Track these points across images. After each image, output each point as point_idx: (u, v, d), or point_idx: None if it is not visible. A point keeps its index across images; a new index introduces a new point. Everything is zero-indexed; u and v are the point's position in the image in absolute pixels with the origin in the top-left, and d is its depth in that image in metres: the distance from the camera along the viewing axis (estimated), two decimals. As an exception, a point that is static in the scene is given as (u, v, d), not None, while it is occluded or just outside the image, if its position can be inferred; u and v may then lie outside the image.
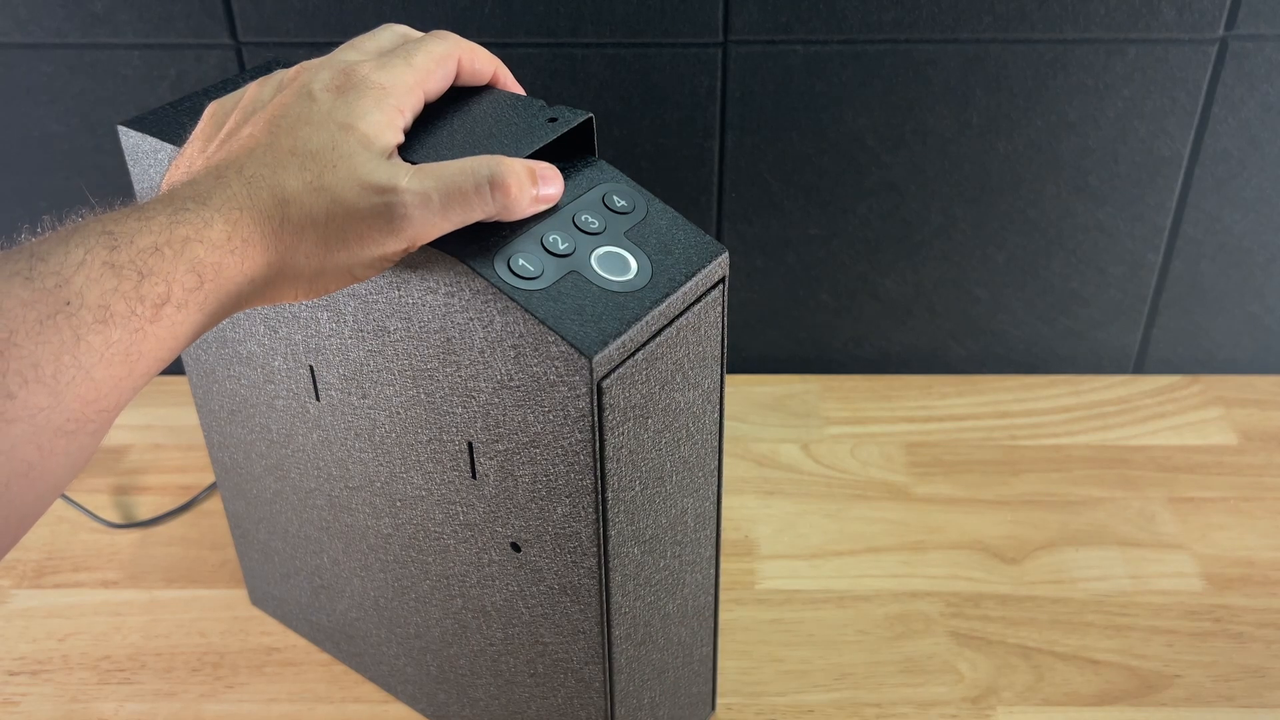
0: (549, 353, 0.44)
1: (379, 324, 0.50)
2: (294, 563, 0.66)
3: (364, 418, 0.55)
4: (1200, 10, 0.77)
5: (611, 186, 0.49)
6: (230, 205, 0.41)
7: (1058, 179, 0.84)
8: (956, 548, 0.76)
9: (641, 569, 0.52)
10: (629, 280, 0.46)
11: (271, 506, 0.65)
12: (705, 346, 0.50)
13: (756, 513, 0.79)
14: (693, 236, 0.48)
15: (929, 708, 0.66)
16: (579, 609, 0.52)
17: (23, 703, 0.67)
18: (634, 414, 0.47)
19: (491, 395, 0.47)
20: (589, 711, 0.56)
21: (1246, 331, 0.91)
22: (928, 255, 0.88)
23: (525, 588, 0.53)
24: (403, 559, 0.59)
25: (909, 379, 0.91)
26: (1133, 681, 0.67)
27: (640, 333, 0.45)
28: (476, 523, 0.53)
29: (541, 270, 0.45)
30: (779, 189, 0.85)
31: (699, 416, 0.52)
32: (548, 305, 0.44)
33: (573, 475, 0.47)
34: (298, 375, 0.56)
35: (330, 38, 0.79)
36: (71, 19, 0.79)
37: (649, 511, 0.51)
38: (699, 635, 0.60)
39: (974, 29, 0.78)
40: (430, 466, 0.53)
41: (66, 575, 0.75)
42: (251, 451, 0.63)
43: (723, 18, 0.78)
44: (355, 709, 0.67)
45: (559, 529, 0.49)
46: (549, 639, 0.54)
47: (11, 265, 0.36)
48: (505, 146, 0.47)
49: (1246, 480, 0.81)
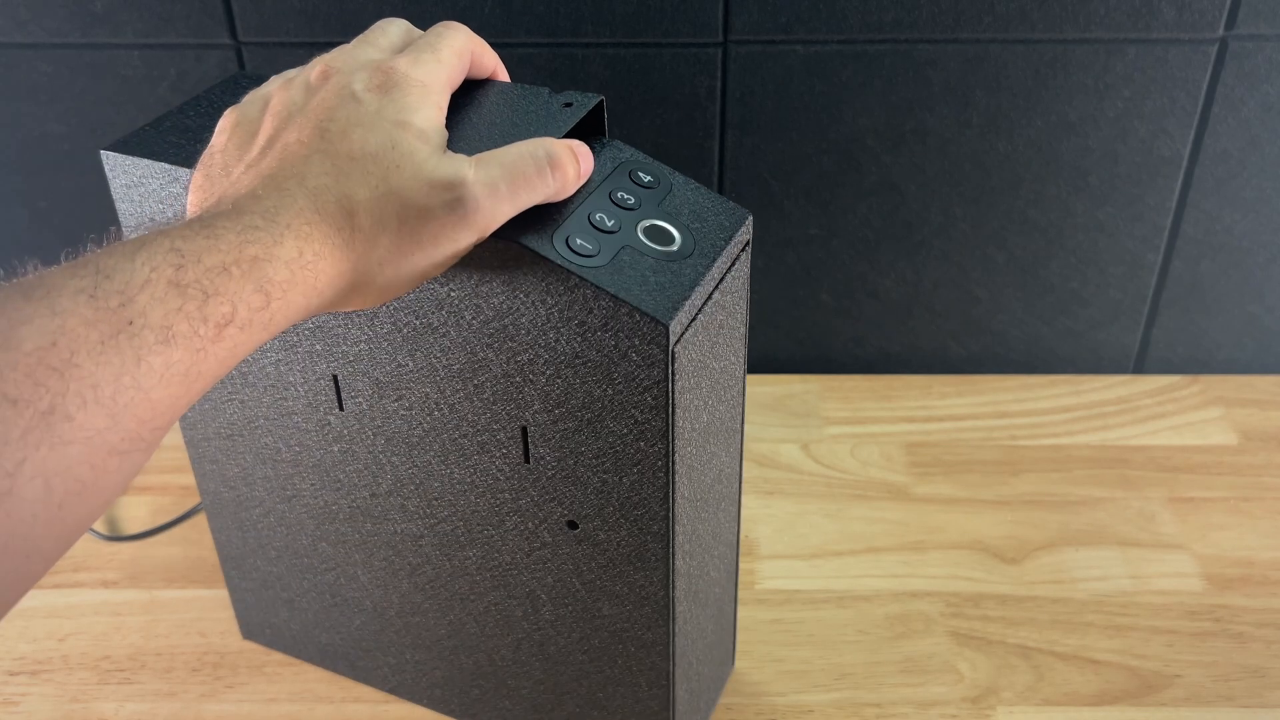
0: (622, 325, 0.45)
1: (423, 321, 0.50)
2: (301, 585, 0.65)
3: (398, 421, 0.54)
4: (1200, 10, 0.77)
5: (634, 163, 0.51)
6: (300, 220, 0.41)
7: (1058, 179, 0.84)
8: (956, 548, 0.76)
9: (694, 529, 0.54)
10: (676, 250, 0.48)
11: (275, 531, 0.64)
12: (739, 305, 0.52)
13: (756, 513, 0.79)
14: (719, 203, 0.51)
15: (929, 708, 0.66)
16: (644, 575, 0.53)
17: (23, 703, 0.67)
18: (694, 376, 0.49)
19: (553, 376, 0.49)
20: (651, 675, 0.57)
21: (1246, 331, 0.91)
22: (928, 255, 0.88)
23: (581, 564, 0.54)
24: (435, 559, 0.59)
25: (909, 379, 0.91)
26: (1133, 681, 0.67)
27: (699, 297, 0.47)
28: (527, 508, 0.54)
29: (598, 248, 0.46)
30: (779, 189, 0.85)
31: (732, 372, 0.54)
32: (615, 279, 0.46)
33: (643, 444, 0.48)
34: (318, 387, 0.56)
35: (330, 37, 0.79)
36: (71, 19, 0.79)
37: (700, 472, 0.53)
38: (728, 591, 0.63)
39: (974, 29, 0.78)
40: (476, 459, 0.53)
41: (66, 575, 0.75)
42: (252, 477, 0.62)
43: (723, 18, 0.78)
44: (355, 709, 0.67)
45: (624, 499, 0.51)
46: (609, 610, 0.55)
47: (78, 281, 0.36)
48: (536, 132, 0.48)
49: (1246, 480, 0.81)
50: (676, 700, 0.58)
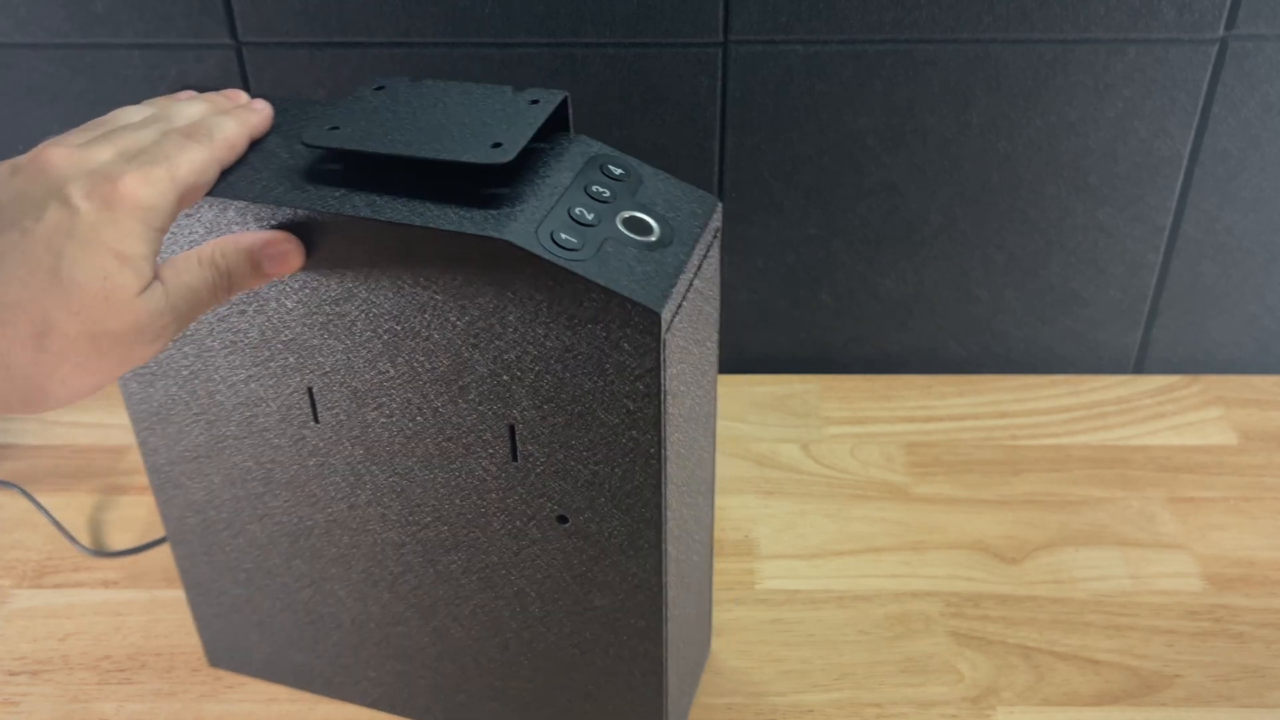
0: (614, 316, 0.46)
1: (404, 326, 0.50)
2: (273, 605, 0.64)
3: (378, 429, 0.54)
4: (1200, 10, 0.77)
5: (604, 156, 0.52)
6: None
7: (1058, 179, 0.84)
8: (956, 548, 0.76)
9: (682, 514, 0.55)
10: (656, 240, 0.49)
11: (245, 553, 0.62)
12: (713, 292, 0.54)
13: (756, 513, 0.79)
14: (688, 192, 0.52)
15: (929, 708, 0.66)
16: (636, 564, 0.53)
17: (23, 703, 0.67)
18: (680, 362, 0.49)
19: (542, 372, 0.49)
20: (644, 663, 0.57)
21: (1246, 331, 0.91)
22: (928, 255, 0.88)
23: (572, 558, 0.54)
24: (418, 567, 0.58)
25: (909, 379, 0.91)
26: (1133, 681, 0.67)
27: (683, 284, 0.48)
28: (515, 506, 0.54)
29: (582, 241, 0.47)
30: (779, 189, 0.85)
31: (708, 358, 0.55)
32: (603, 271, 0.46)
33: (635, 432, 0.49)
34: (292, 401, 0.55)
35: (330, 37, 0.79)
36: (71, 19, 0.79)
37: (686, 457, 0.54)
38: (706, 575, 0.64)
39: (974, 29, 0.78)
40: (461, 461, 0.53)
41: (67, 575, 0.75)
42: (220, 499, 0.60)
43: (723, 18, 0.78)
44: (355, 708, 0.67)
45: (616, 489, 0.51)
46: (600, 602, 0.55)
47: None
48: (503, 132, 0.49)
49: (1246, 480, 0.81)
50: (669, 685, 0.58)
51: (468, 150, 0.48)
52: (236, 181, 0.50)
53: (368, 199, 0.48)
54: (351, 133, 0.49)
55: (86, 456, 0.84)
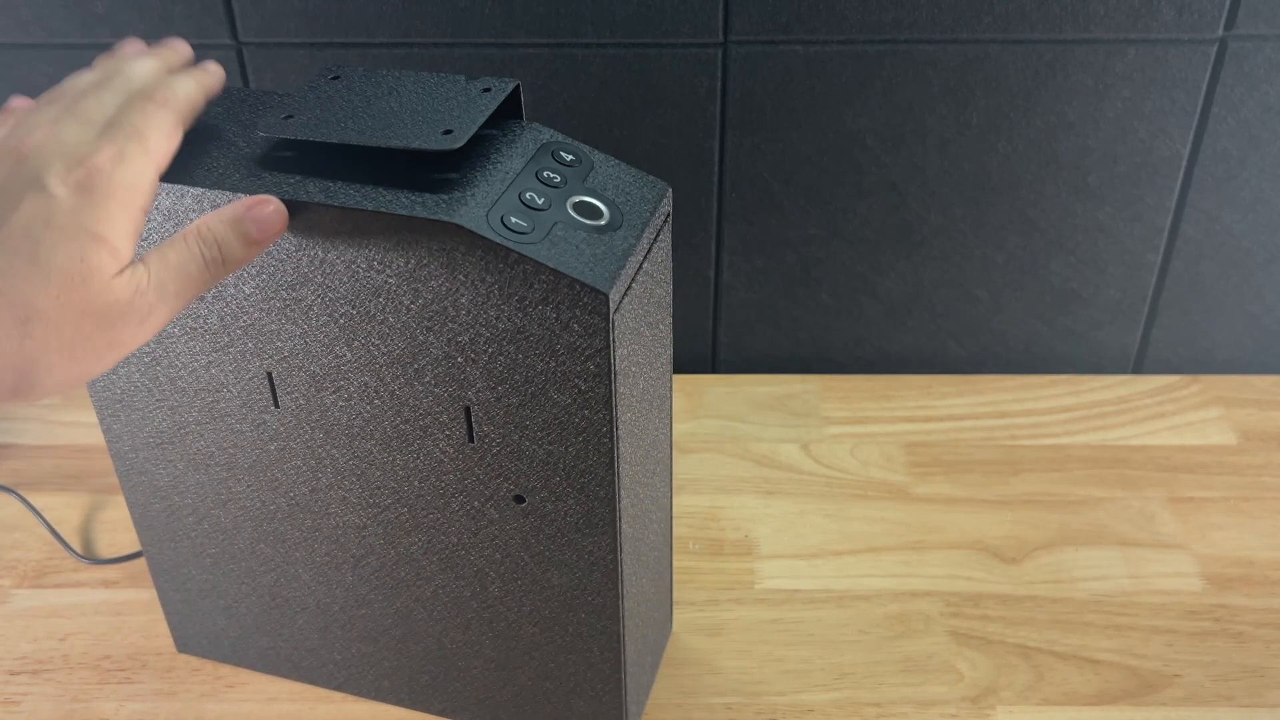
0: (563, 297, 0.47)
1: (359, 310, 0.51)
2: (239, 590, 0.64)
3: (336, 413, 0.55)
4: (1200, 10, 0.77)
5: (556, 143, 0.53)
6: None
7: (1057, 179, 0.84)
8: (956, 548, 0.76)
9: (636, 492, 0.56)
10: (605, 224, 0.50)
11: (210, 538, 0.63)
12: (664, 274, 0.55)
13: (756, 513, 0.79)
14: (639, 178, 0.53)
15: (929, 707, 0.66)
16: (592, 541, 0.54)
17: (23, 702, 0.67)
18: (631, 343, 0.50)
19: (495, 354, 0.50)
20: (602, 640, 0.58)
21: (1246, 331, 0.91)
22: (928, 255, 0.88)
23: (529, 537, 0.55)
24: (380, 549, 0.59)
25: (909, 379, 0.91)
26: (1132, 681, 0.67)
27: (632, 266, 0.49)
28: (472, 487, 0.54)
29: (532, 225, 0.48)
30: (779, 189, 0.85)
31: (661, 340, 0.56)
32: (553, 254, 0.47)
33: (587, 412, 0.50)
34: (252, 386, 0.56)
35: (330, 37, 0.79)
36: (72, 19, 0.79)
37: (639, 437, 0.55)
38: (665, 555, 0.65)
39: (974, 29, 0.78)
40: (419, 443, 0.54)
41: (67, 575, 0.75)
42: (184, 484, 0.61)
43: (723, 18, 0.78)
44: (355, 708, 0.67)
45: (571, 468, 0.52)
46: (558, 580, 0.56)
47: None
48: (455, 119, 0.49)
49: (1246, 480, 0.81)
50: (627, 662, 0.59)
51: (419, 137, 0.49)
52: (194, 169, 0.50)
53: (322, 185, 0.49)
54: (306, 122, 0.50)
55: (87, 456, 0.85)
